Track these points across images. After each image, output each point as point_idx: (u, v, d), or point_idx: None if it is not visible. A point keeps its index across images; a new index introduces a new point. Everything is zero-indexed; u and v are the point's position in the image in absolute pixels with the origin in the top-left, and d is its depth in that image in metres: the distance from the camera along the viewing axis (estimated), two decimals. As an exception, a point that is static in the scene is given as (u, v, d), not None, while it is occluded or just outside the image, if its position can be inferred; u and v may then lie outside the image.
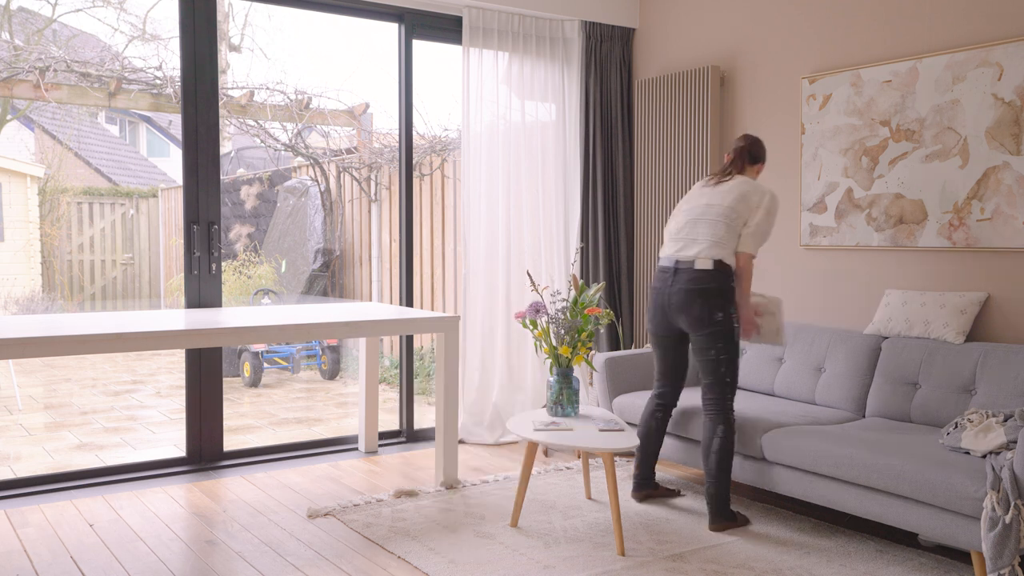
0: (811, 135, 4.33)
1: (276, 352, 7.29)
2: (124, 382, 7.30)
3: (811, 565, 3.07)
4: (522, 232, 5.01)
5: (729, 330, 3.42)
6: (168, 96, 6.91)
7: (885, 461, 3.03)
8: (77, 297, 8.38)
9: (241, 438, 5.35)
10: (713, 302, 3.40)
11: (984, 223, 3.66)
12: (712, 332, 3.41)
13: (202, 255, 4.27)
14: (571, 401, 3.59)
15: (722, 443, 3.42)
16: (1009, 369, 3.32)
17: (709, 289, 3.40)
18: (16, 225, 7.92)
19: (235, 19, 8.57)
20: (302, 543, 3.28)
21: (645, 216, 5.13)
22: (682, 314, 3.46)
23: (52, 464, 4.72)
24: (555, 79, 5.10)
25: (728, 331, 3.42)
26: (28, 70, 6.42)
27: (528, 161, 5.02)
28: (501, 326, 4.95)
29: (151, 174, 10.75)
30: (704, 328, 3.42)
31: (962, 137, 3.73)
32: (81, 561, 3.09)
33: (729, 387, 3.46)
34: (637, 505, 3.73)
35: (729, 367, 3.45)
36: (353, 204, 8.00)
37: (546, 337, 3.62)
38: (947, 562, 3.10)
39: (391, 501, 3.76)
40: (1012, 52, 3.56)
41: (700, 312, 3.41)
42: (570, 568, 3.02)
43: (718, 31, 4.83)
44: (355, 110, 7.73)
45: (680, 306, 3.46)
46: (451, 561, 3.08)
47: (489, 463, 4.48)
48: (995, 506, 2.69)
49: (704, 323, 3.41)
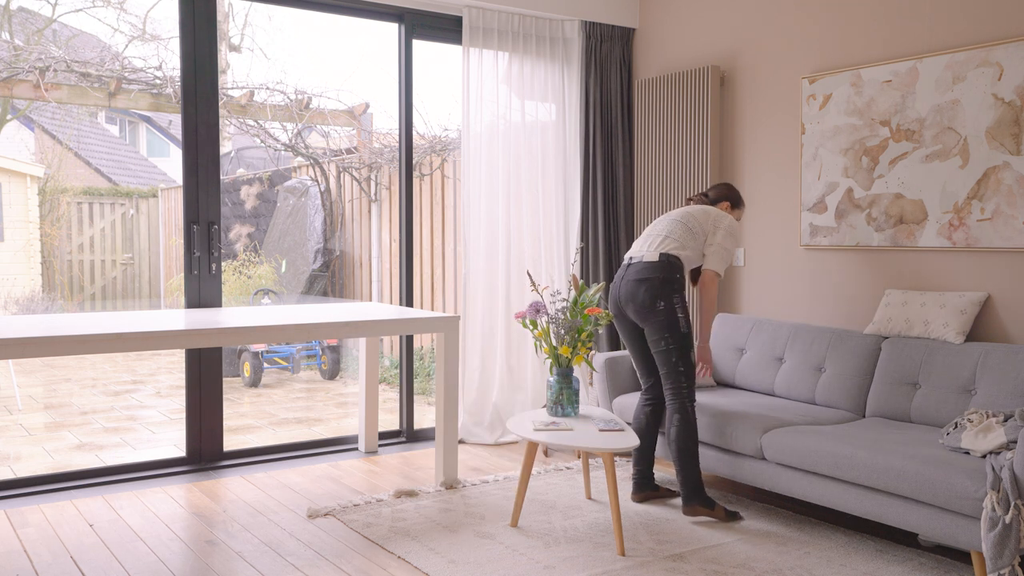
0: (811, 135, 4.33)
1: (276, 352, 7.29)
2: (124, 382, 7.30)
3: (811, 565, 3.07)
4: (522, 232, 5.01)
5: (673, 319, 3.51)
6: (168, 96, 6.91)
7: (885, 461, 3.03)
8: (77, 297, 8.38)
9: (241, 438, 5.35)
10: (655, 291, 3.51)
11: (984, 223, 3.66)
12: (657, 322, 3.52)
13: (202, 255, 4.27)
14: (571, 401, 3.59)
15: (678, 431, 3.53)
16: (1009, 369, 3.31)
17: (652, 278, 3.53)
18: (16, 225, 7.92)
19: (235, 19, 8.57)
20: (302, 543, 3.28)
21: (645, 216, 5.13)
22: (629, 304, 3.60)
23: (52, 464, 4.72)
24: (555, 79, 5.10)
25: (672, 320, 3.51)
26: (28, 70, 6.42)
27: (528, 161, 5.02)
28: (501, 326, 4.95)
29: (151, 174, 10.75)
30: (649, 317, 3.53)
31: (962, 137, 3.73)
32: (81, 561, 3.09)
33: (683, 375, 3.55)
34: (637, 505, 3.74)
35: (681, 356, 3.54)
36: (353, 204, 8.00)
37: (546, 337, 3.62)
38: (947, 562, 3.10)
39: (391, 501, 3.76)
40: (1012, 52, 3.55)
41: (643, 300, 3.53)
42: (570, 568, 3.02)
43: (718, 31, 4.83)
44: (355, 110, 7.73)
45: (627, 297, 3.60)
46: (451, 561, 3.08)
47: (489, 463, 4.48)
48: (995, 506, 2.69)
49: (647, 311, 3.53)
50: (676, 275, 3.55)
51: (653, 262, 3.57)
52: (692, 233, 3.66)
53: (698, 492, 3.53)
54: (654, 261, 3.57)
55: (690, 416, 3.54)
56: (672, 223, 3.69)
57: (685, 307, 3.56)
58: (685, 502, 3.54)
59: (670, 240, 3.63)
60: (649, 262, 3.58)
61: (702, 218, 3.71)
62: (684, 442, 3.53)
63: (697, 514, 3.52)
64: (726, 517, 3.52)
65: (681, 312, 3.53)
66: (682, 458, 3.53)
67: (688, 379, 3.56)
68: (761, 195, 4.63)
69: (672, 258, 3.58)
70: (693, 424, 3.55)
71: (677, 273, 3.56)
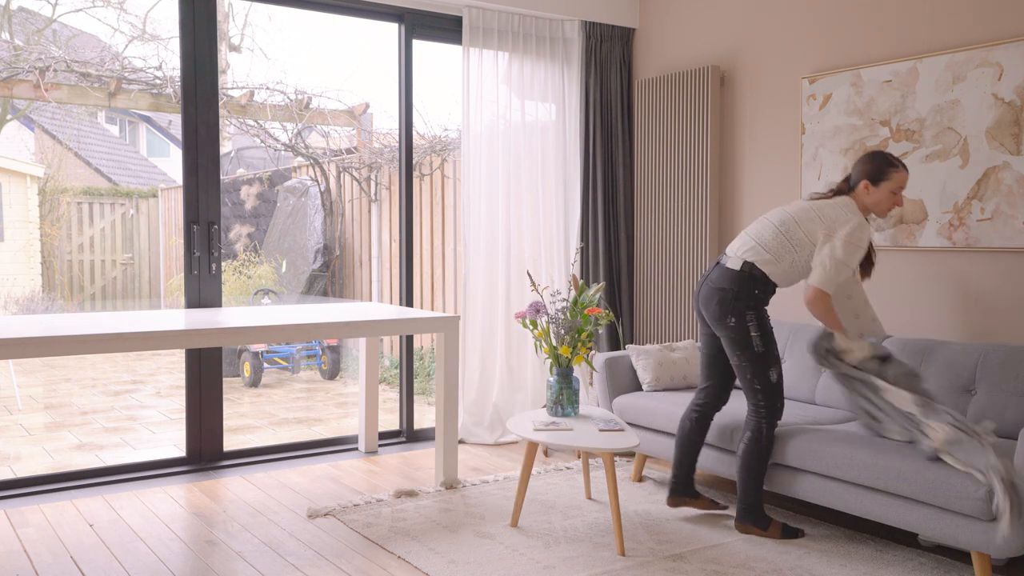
0: (811, 135, 4.33)
1: (276, 352, 7.29)
2: (124, 382, 7.30)
3: (811, 565, 3.07)
4: (522, 232, 5.01)
5: (745, 338, 3.24)
6: (168, 96, 6.91)
7: (885, 461, 3.03)
8: (77, 297, 8.38)
9: (241, 438, 5.35)
10: (727, 305, 3.25)
11: (984, 223, 3.66)
12: (729, 338, 3.28)
13: (202, 255, 4.27)
14: (571, 401, 3.59)
15: (745, 448, 3.35)
16: (1009, 369, 3.31)
17: (725, 290, 3.27)
18: (16, 225, 7.92)
19: (235, 19, 8.57)
20: (302, 543, 3.28)
21: (645, 216, 5.13)
22: (705, 309, 3.37)
23: (52, 464, 4.72)
24: (555, 79, 5.10)
25: (743, 339, 3.25)
26: (28, 70, 6.42)
27: (528, 161, 5.02)
28: (501, 326, 4.95)
29: (151, 174, 10.75)
30: (720, 330, 3.31)
31: (962, 137, 3.73)
32: (81, 561, 3.09)
33: (760, 393, 3.29)
34: (637, 505, 3.73)
35: (756, 374, 3.27)
36: (353, 204, 8.00)
37: (546, 337, 3.62)
38: (947, 562, 3.10)
39: (391, 501, 3.76)
40: (1012, 52, 3.56)
41: (714, 311, 3.30)
42: (570, 568, 3.02)
43: (718, 31, 4.83)
44: (355, 110, 7.74)
45: (703, 302, 3.37)
46: (451, 561, 3.08)
47: (489, 463, 4.48)
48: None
49: (718, 324, 3.30)
50: (755, 291, 3.23)
51: (733, 272, 3.27)
52: (791, 244, 3.23)
53: (752, 511, 3.35)
54: (734, 271, 3.26)
55: (762, 436, 3.30)
56: (769, 228, 3.28)
57: (762, 323, 3.25)
58: (738, 518, 3.38)
59: (759, 249, 3.25)
60: (729, 270, 3.28)
61: (812, 224, 3.21)
62: (748, 460, 3.33)
63: (748, 532, 3.36)
64: (781, 536, 3.33)
65: (756, 331, 3.23)
66: (743, 475, 3.35)
67: (767, 397, 3.28)
68: (761, 195, 4.63)
69: (755, 271, 3.23)
70: (764, 444, 3.31)
71: (756, 288, 3.23)
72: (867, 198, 3.29)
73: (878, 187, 3.26)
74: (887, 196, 3.27)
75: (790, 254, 3.24)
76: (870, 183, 3.27)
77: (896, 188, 3.26)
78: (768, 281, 3.27)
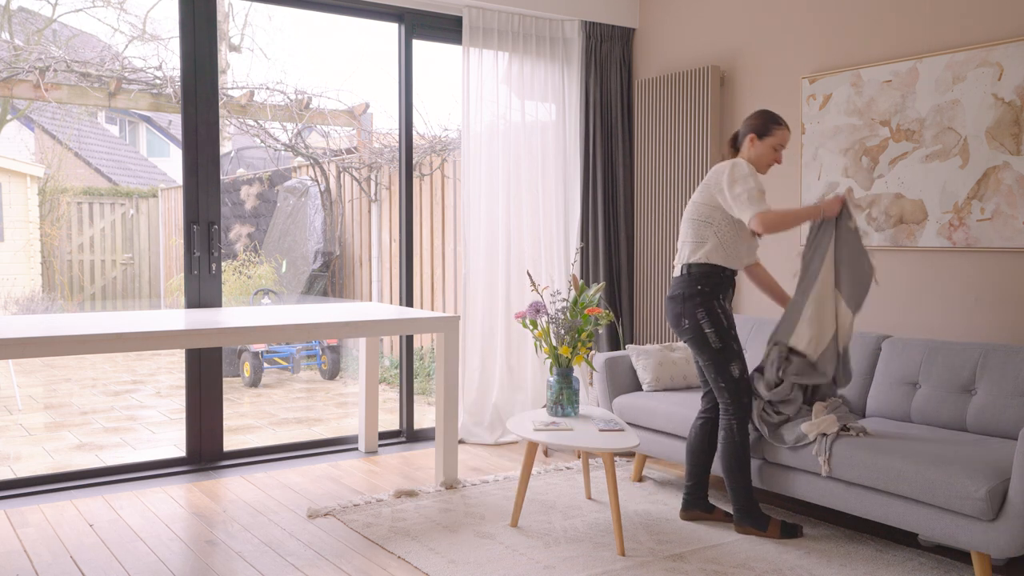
0: (811, 135, 4.33)
1: (276, 352, 7.29)
2: (124, 382, 7.30)
3: (811, 565, 3.07)
4: (522, 232, 5.01)
5: (699, 336, 3.34)
6: (168, 96, 6.91)
7: (885, 461, 3.03)
8: (77, 297, 8.38)
9: (241, 438, 5.35)
10: (678, 308, 3.39)
11: (984, 223, 3.66)
12: (688, 340, 3.40)
13: (202, 255, 4.27)
14: (571, 401, 3.59)
15: (722, 448, 3.38)
16: (1009, 369, 3.31)
17: (675, 295, 3.41)
18: (16, 225, 7.92)
19: (235, 19, 8.57)
20: (302, 543, 3.28)
21: (645, 216, 5.13)
22: (668, 320, 3.50)
23: (52, 464, 4.72)
24: (555, 79, 5.10)
25: (698, 336, 3.34)
26: (28, 70, 6.42)
27: (528, 161, 5.02)
28: (501, 326, 4.95)
29: (151, 174, 10.75)
30: (681, 335, 3.43)
31: (962, 137, 3.73)
32: (81, 561, 3.09)
33: (725, 391, 3.36)
34: (637, 505, 3.73)
35: (720, 373, 3.35)
36: (353, 204, 8.00)
37: (546, 337, 3.62)
38: (947, 562, 3.10)
39: (391, 501, 3.76)
40: (1012, 52, 3.56)
41: (672, 319, 3.44)
42: (570, 568, 3.02)
43: (718, 31, 4.83)
44: (355, 110, 7.73)
45: (667, 314, 3.51)
46: (451, 561, 3.08)
47: (489, 463, 4.48)
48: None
49: (678, 330, 3.43)
50: (698, 286, 3.34)
51: (676, 278, 3.43)
52: (703, 221, 3.37)
53: (748, 513, 3.36)
54: (677, 277, 3.43)
55: (734, 434, 3.35)
56: (684, 224, 3.45)
57: (714, 319, 3.32)
58: (736, 521, 3.40)
59: (685, 246, 3.42)
60: (675, 279, 3.45)
61: (705, 194, 3.38)
62: (727, 461, 3.36)
63: (747, 533, 3.37)
64: (780, 534, 3.34)
65: (709, 327, 3.32)
66: (726, 477, 3.38)
67: (732, 394, 3.34)
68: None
69: (692, 268, 3.36)
70: (739, 442, 3.34)
71: (700, 284, 3.34)
72: (751, 151, 3.44)
73: (762, 141, 3.43)
74: (769, 151, 3.43)
75: (708, 228, 3.37)
76: (756, 136, 3.43)
77: (778, 144, 3.43)
78: (711, 271, 3.36)
